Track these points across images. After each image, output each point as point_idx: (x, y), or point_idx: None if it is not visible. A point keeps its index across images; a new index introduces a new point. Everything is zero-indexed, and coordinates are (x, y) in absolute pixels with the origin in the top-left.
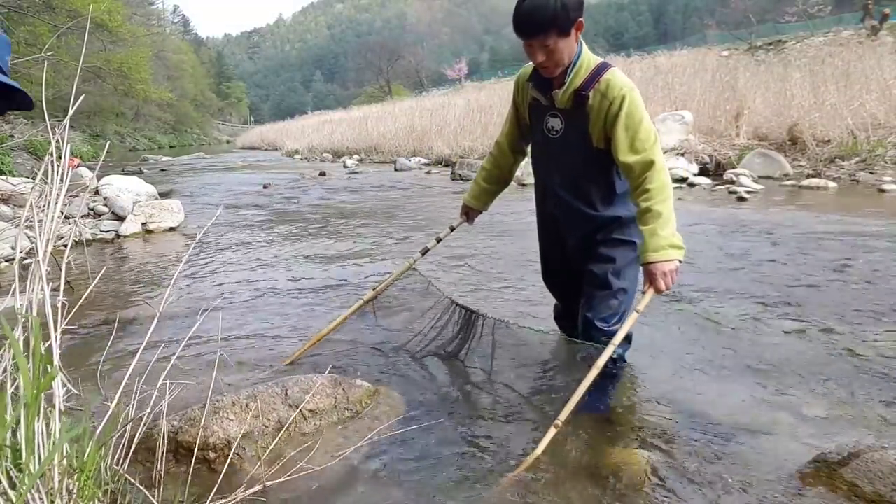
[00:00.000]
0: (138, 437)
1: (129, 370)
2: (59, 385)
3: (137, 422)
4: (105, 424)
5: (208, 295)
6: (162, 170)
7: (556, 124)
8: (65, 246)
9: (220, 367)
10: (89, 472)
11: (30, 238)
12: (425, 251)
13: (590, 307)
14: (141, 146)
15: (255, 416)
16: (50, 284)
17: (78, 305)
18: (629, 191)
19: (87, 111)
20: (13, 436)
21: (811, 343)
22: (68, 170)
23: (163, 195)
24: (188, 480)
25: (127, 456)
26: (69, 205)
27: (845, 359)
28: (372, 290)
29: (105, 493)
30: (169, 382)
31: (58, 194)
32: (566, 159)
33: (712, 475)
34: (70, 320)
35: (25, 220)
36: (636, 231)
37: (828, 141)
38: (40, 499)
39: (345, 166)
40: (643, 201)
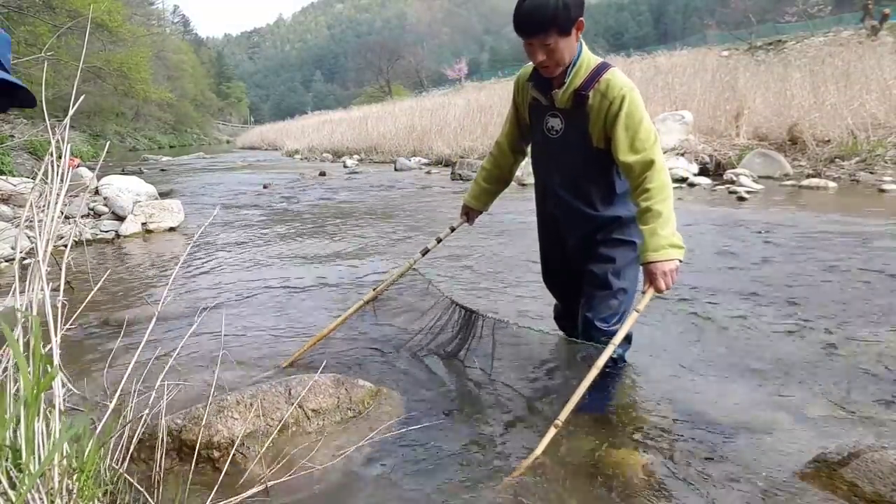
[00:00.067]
0: (138, 437)
1: (129, 369)
2: (59, 385)
3: (137, 421)
4: (105, 424)
5: (208, 294)
6: (162, 170)
7: (556, 124)
8: (65, 246)
9: (221, 366)
10: (89, 472)
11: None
12: (426, 251)
13: (590, 307)
14: (141, 146)
15: (259, 415)
16: (50, 284)
17: (81, 307)
18: (629, 191)
19: (87, 111)
20: (13, 436)
21: (811, 343)
22: (68, 170)
23: (163, 195)
24: (189, 479)
25: (127, 455)
26: (69, 205)
27: (845, 359)
28: (372, 291)
29: (105, 493)
30: (168, 382)
31: (58, 194)
32: (566, 159)
33: (712, 475)
34: (70, 320)
35: (25, 220)
36: (636, 231)
37: (828, 141)
38: (40, 499)
39: (345, 166)
40: (643, 201)
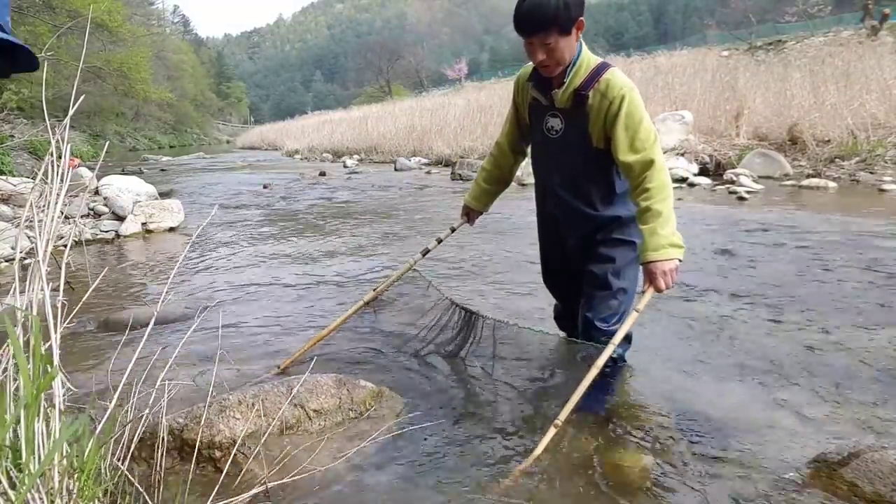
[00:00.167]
0: (139, 436)
1: (129, 369)
2: (59, 385)
3: (138, 420)
4: (105, 424)
5: (208, 294)
6: (162, 170)
7: (556, 124)
8: (65, 246)
9: (222, 366)
10: (89, 472)
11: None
12: (426, 252)
13: (590, 307)
14: (141, 146)
15: (261, 416)
16: (50, 284)
17: (78, 306)
18: (629, 190)
19: (87, 111)
20: (13, 436)
21: (811, 343)
22: (68, 170)
23: (163, 195)
24: (189, 479)
25: (128, 455)
26: (69, 205)
27: (845, 359)
28: (373, 291)
29: (105, 493)
30: (169, 381)
31: (58, 194)
32: (566, 159)
33: (712, 475)
34: (70, 320)
35: (25, 220)
36: (636, 231)
37: (828, 141)
38: (40, 499)
39: (345, 166)
40: (643, 200)
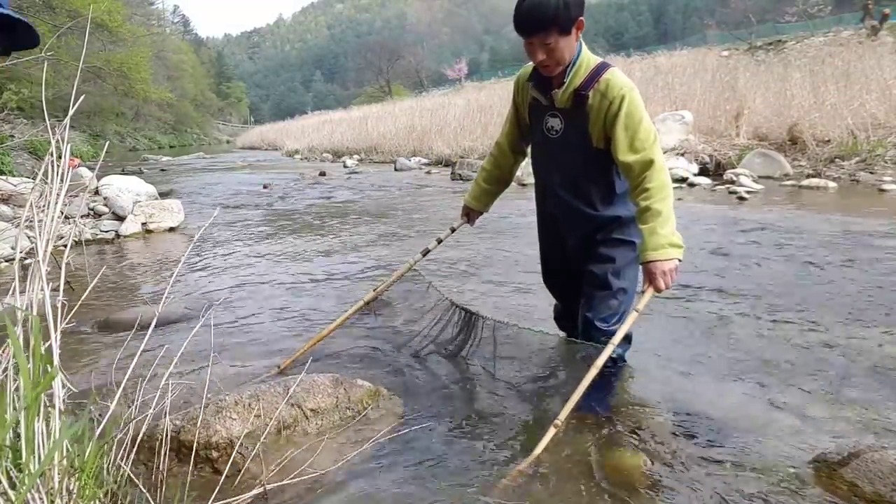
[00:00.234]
0: (140, 437)
1: (130, 370)
2: (59, 385)
3: (141, 421)
4: (105, 424)
5: (208, 294)
6: (162, 170)
7: (556, 124)
8: (65, 246)
9: (221, 366)
10: (90, 472)
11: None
12: (426, 252)
13: (590, 307)
14: (141, 146)
15: (258, 416)
16: (50, 284)
17: (77, 305)
18: (629, 190)
19: (87, 111)
20: (13, 436)
21: (811, 342)
22: (68, 170)
23: (163, 195)
24: (188, 481)
25: (128, 456)
26: (69, 205)
27: (845, 359)
28: (372, 291)
29: (106, 494)
30: (170, 382)
31: (58, 194)
32: (566, 159)
33: (711, 475)
34: (70, 320)
35: (25, 220)
36: (636, 231)
37: (828, 141)
38: (40, 499)
39: (345, 166)
40: (642, 200)
